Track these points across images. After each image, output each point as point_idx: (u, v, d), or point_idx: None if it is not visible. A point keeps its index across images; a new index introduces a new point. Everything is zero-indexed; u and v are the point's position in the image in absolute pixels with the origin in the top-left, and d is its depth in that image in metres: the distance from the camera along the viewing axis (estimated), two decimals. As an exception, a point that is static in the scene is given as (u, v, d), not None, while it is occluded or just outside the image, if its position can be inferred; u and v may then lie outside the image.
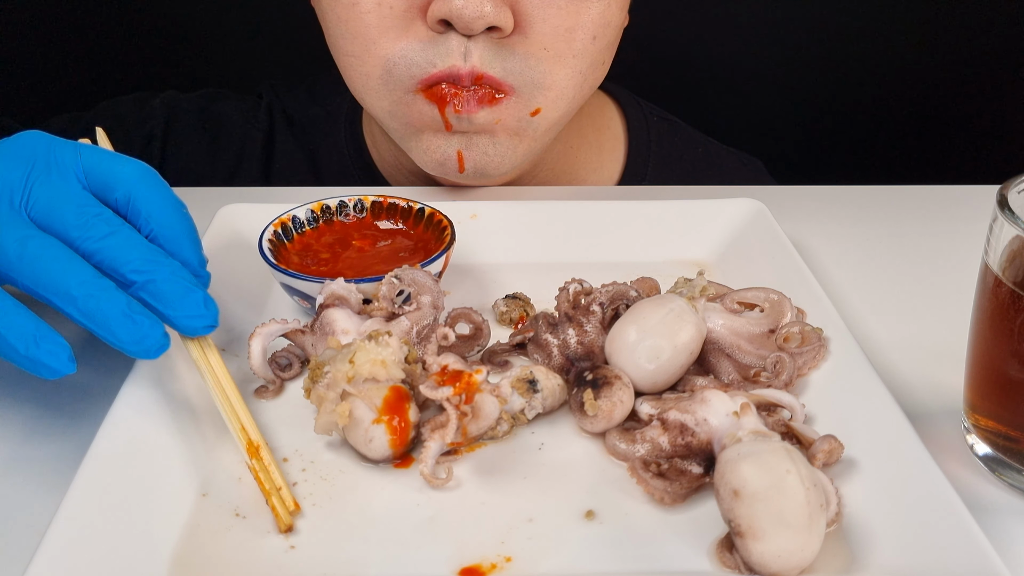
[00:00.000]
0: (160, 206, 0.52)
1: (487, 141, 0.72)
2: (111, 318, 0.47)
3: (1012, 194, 0.48)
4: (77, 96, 1.38)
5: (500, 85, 0.69)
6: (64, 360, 0.46)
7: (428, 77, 0.69)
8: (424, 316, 0.56)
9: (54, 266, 0.47)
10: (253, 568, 0.44)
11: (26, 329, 0.46)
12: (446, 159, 0.73)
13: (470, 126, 0.71)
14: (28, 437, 0.53)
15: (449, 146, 0.73)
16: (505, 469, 0.50)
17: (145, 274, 0.49)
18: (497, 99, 0.70)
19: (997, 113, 1.44)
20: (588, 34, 0.70)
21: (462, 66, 0.68)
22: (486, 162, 0.74)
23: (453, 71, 0.68)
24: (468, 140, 0.72)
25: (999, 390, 0.49)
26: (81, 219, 0.49)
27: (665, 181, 0.91)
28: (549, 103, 0.72)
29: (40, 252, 0.48)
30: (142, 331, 0.47)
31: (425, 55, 0.69)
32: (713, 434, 0.48)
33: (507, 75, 0.69)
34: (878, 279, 0.70)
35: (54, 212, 0.50)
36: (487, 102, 0.70)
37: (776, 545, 0.41)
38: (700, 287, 0.57)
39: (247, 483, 0.49)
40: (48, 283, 0.47)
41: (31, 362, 0.46)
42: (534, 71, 0.70)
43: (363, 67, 0.72)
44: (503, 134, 0.72)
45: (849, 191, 0.84)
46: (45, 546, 0.41)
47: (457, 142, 0.72)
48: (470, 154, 0.73)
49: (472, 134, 0.72)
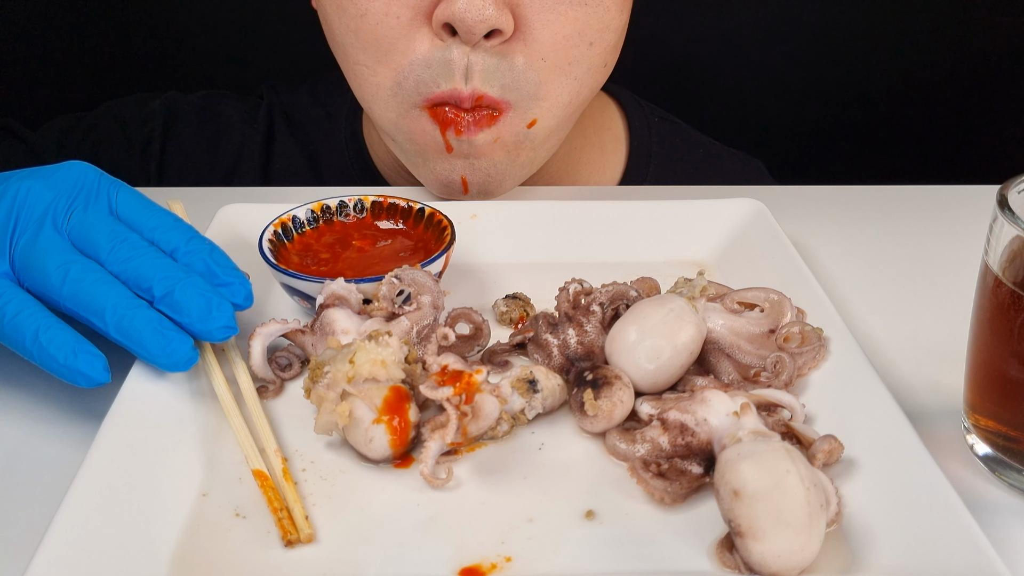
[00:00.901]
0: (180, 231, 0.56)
1: (488, 162, 0.73)
2: (144, 335, 0.50)
3: (1012, 194, 0.48)
4: (79, 95, 1.38)
5: (498, 104, 0.71)
6: (100, 369, 0.50)
7: (433, 96, 0.70)
8: (424, 316, 0.56)
9: (93, 289, 0.51)
10: (253, 568, 0.44)
11: (66, 342, 0.50)
12: (450, 182, 0.75)
13: (471, 148, 0.72)
14: (28, 437, 0.53)
15: (453, 171, 0.74)
16: (505, 469, 0.50)
17: (165, 287, 0.52)
18: (495, 118, 0.71)
19: (997, 113, 1.44)
20: (584, 40, 0.71)
21: (463, 89, 0.69)
22: (489, 182, 0.75)
23: (455, 94, 0.69)
24: (470, 164, 0.74)
25: (999, 390, 0.49)
26: (111, 243, 0.54)
27: (666, 182, 0.91)
28: (544, 113, 0.73)
29: (81, 276, 0.52)
30: (172, 345, 0.51)
31: (430, 71, 0.69)
32: (713, 434, 0.48)
33: (504, 92, 0.70)
34: (878, 279, 0.70)
35: (89, 236, 0.54)
36: (486, 124, 0.71)
37: (776, 545, 0.41)
38: (700, 287, 0.57)
39: (247, 483, 0.49)
40: (88, 305, 0.51)
41: (69, 371, 0.50)
42: (530, 84, 0.70)
43: (374, 77, 0.72)
44: (502, 152, 0.73)
45: (849, 191, 0.84)
46: (45, 546, 0.41)
47: (460, 167, 0.74)
48: (474, 177, 0.74)
49: (474, 158, 0.73)
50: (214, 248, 0.55)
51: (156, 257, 0.53)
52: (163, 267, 0.53)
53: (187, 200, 0.69)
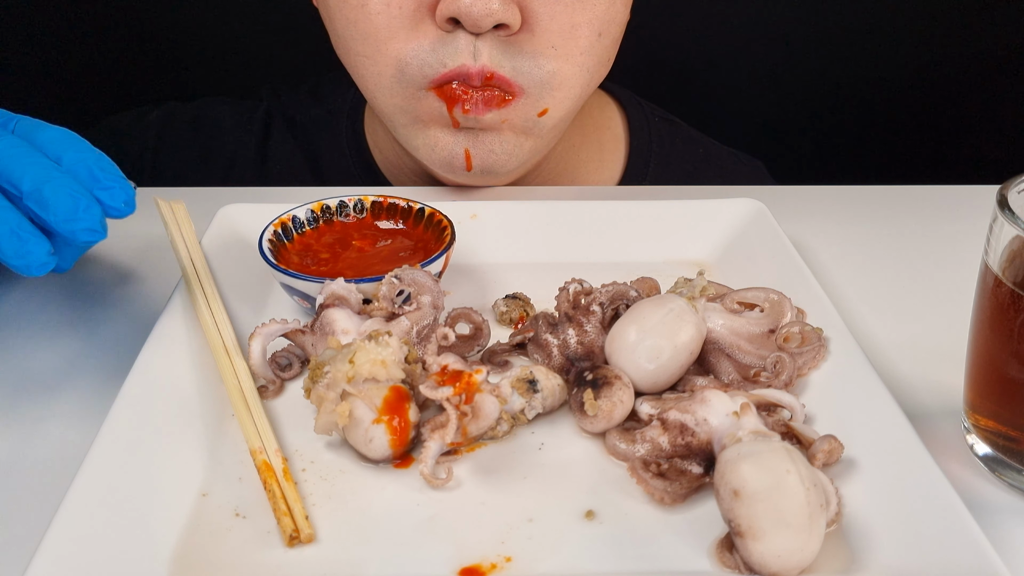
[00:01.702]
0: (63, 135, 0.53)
1: (494, 139, 0.73)
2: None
3: (1012, 194, 0.48)
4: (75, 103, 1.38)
5: (510, 86, 0.70)
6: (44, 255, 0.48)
7: (439, 76, 0.70)
8: (424, 316, 0.56)
9: None
10: (253, 568, 0.44)
11: (9, 222, 0.48)
12: (453, 157, 0.74)
13: (476, 124, 0.71)
14: (28, 437, 0.53)
15: (456, 144, 0.73)
16: (505, 469, 0.50)
17: (34, 183, 0.49)
18: (507, 101, 0.70)
19: (997, 113, 1.44)
20: (594, 31, 0.71)
21: (472, 65, 0.69)
22: (493, 160, 0.74)
23: (463, 70, 0.69)
24: (475, 138, 0.73)
25: (999, 390, 0.49)
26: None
27: (666, 181, 0.91)
28: (556, 103, 0.73)
29: None
30: (26, 247, 0.48)
31: (435, 55, 0.69)
32: (713, 434, 0.48)
33: (517, 75, 0.70)
34: (878, 279, 0.70)
35: None
36: (496, 105, 0.71)
37: (776, 545, 0.41)
38: (700, 287, 0.57)
39: (247, 483, 0.49)
40: None
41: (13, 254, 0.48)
42: (543, 71, 0.70)
43: (375, 67, 0.72)
44: (509, 132, 0.73)
45: (849, 191, 0.84)
46: (45, 546, 0.41)
47: (464, 140, 0.73)
48: (477, 152, 0.73)
49: (479, 131, 0.73)
50: (102, 157, 0.52)
51: (32, 154, 0.51)
52: (37, 164, 0.50)
53: (187, 200, 0.69)
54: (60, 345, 0.61)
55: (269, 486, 0.47)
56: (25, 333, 0.62)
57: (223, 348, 0.55)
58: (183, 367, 0.55)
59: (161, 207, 0.67)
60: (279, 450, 0.50)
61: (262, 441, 0.50)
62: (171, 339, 0.56)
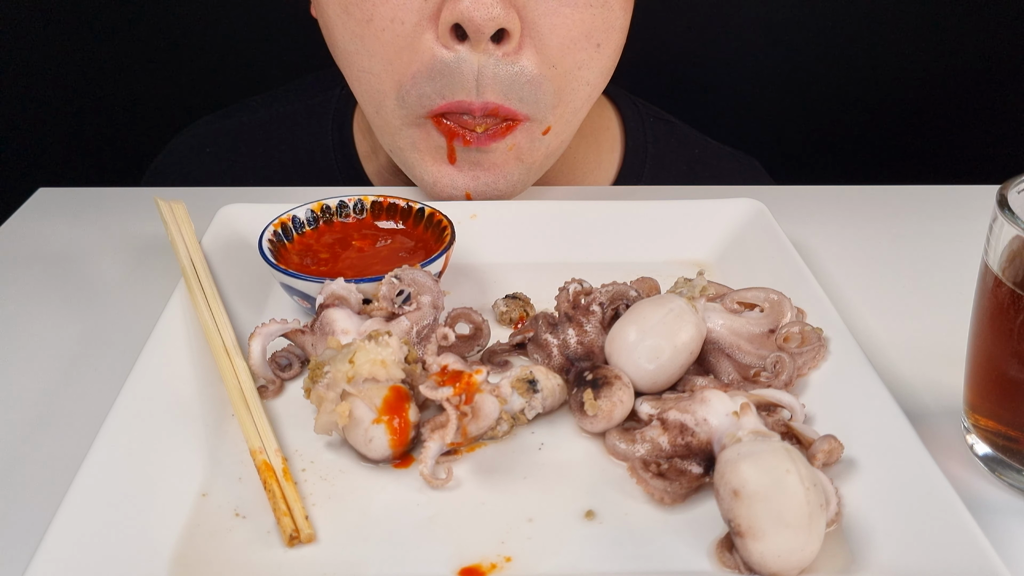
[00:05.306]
0: None
1: (497, 175, 0.73)
2: None
3: (1012, 194, 0.48)
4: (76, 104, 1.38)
5: (515, 115, 0.70)
6: None
7: (438, 108, 0.70)
8: (424, 316, 0.56)
9: None
10: (253, 568, 0.44)
11: None
12: (452, 195, 0.74)
13: (480, 157, 0.72)
14: (28, 437, 0.53)
15: (455, 188, 0.73)
16: (505, 469, 0.50)
17: None
18: (510, 128, 0.71)
19: (997, 113, 1.44)
20: (592, 42, 0.70)
21: (473, 100, 0.68)
22: (496, 195, 0.75)
23: (463, 104, 0.69)
24: (475, 176, 0.73)
25: (999, 390, 0.49)
26: None
27: (662, 181, 0.91)
28: (559, 120, 0.73)
29: None
30: None
31: (434, 86, 0.69)
32: (713, 434, 0.48)
33: (523, 105, 0.70)
34: (878, 279, 0.70)
35: None
36: (499, 136, 0.71)
37: (776, 545, 0.41)
38: (700, 287, 0.57)
39: (247, 483, 0.49)
40: None
41: None
42: (546, 94, 0.70)
43: (379, 84, 0.72)
44: (514, 162, 0.73)
45: (849, 191, 0.84)
46: (45, 546, 0.41)
47: (464, 180, 0.73)
48: (478, 190, 0.74)
49: (481, 170, 0.73)
50: None
51: None
52: None
53: (187, 200, 0.69)
54: (60, 345, 0.61)
55: (269, 486, 0.47)
56: (25, 333, 0.62)
57: (223, 348, 0.55)
58: (183, 367, 0.55)
59: (161, 207, 0.67)
60: (279, 450, 0.50)
61: (262, 441, 0.50)
62: (171, 339, 0.56)
